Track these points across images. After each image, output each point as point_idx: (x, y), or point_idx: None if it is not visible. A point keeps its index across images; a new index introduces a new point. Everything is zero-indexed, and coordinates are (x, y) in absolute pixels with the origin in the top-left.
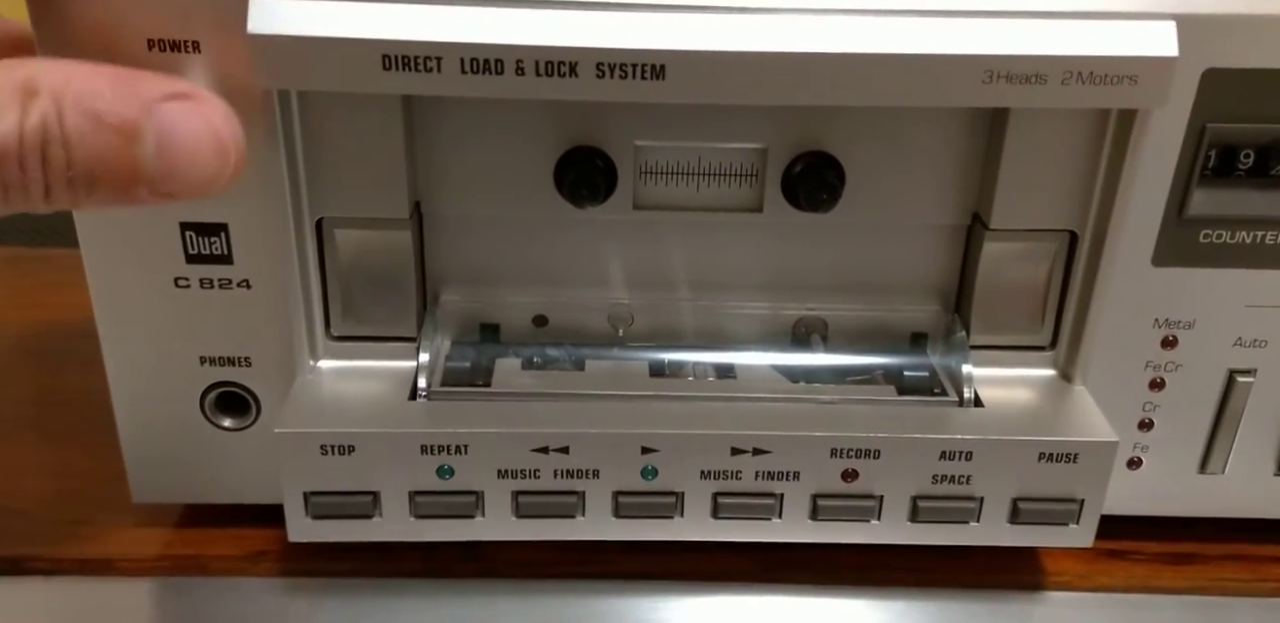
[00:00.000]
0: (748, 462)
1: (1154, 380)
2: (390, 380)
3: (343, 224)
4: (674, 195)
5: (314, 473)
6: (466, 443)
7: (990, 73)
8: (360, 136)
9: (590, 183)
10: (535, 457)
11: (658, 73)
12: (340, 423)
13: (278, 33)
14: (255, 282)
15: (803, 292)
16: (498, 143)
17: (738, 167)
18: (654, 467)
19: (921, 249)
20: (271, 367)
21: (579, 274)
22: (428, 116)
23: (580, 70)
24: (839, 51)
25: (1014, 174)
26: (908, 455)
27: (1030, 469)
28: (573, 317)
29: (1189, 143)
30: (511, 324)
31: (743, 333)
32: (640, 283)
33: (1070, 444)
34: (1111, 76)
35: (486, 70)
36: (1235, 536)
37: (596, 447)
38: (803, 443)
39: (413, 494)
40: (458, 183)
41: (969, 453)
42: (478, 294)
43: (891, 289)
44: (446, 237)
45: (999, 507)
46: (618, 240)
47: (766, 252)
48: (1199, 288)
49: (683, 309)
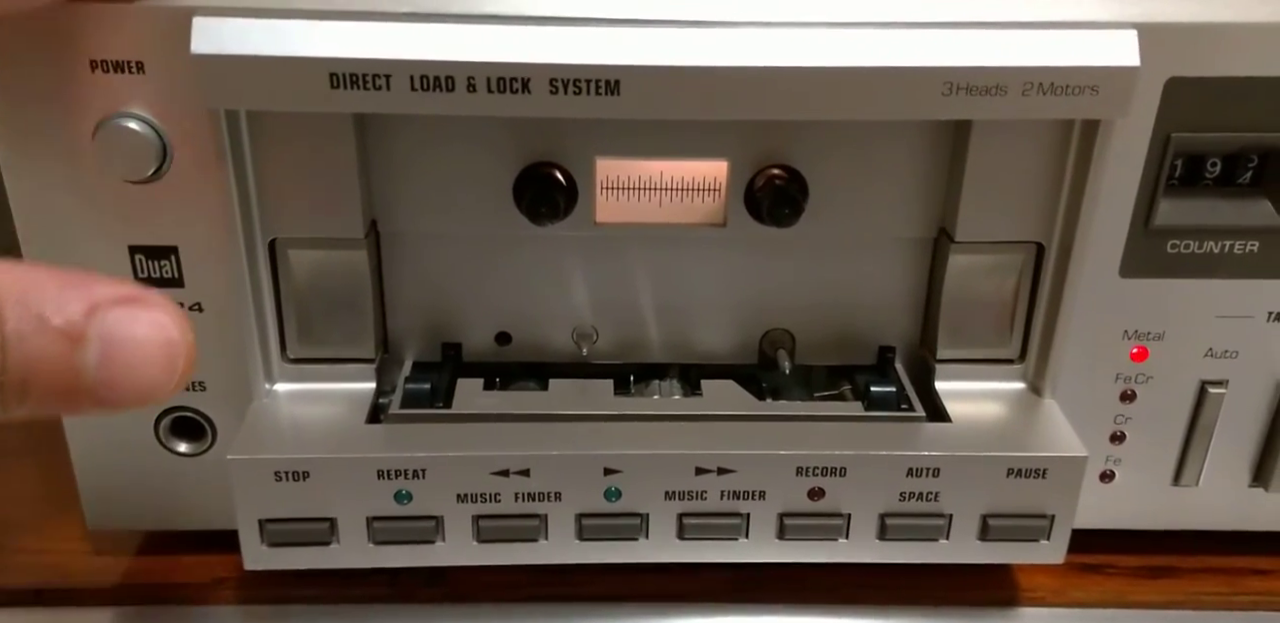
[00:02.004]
0: (712, 481)
1: (1125, 393)
2: (348, 403)
3: (296, 245)
4: (636, 210)
5: (268, 500)
6: (424, 467)
7: (950, 85)
8: (312, 155)
9: (549, 200)
10: (495, 480)
11: (612, 88)
12: (294, 448)
13: (222, 52)
14: (207, 305)
15: (769, 306)
16: (454, 159)
17: (700, 181)
18: (617, 488)
19: (888, 262)
20: (226, 391)
21: (541, 291)
22: (381, 133)
23: (533, 87)
24: (797, 65)
25: (978, 186)
26: (874, 473)
27: (999, 485)
28: (536, 334)
29: (1154, 153)
30: (474, 342)
31: (709, 348)
32: (604, 299)
33: (1039, 459)
34: (1073, 87)
35: (437, 87)
36: (1211, 548)
37: (558, 469)
38: (767, 462)
39: (371, 520)
40: (414, 200)
41: (936, 469)
42: (438, 313)
43: (858, 303)
44: (405, 255)
45: (968, 523)
46: (580, 256)
47: (731, 266)
48: (1168, 299)
49: (648, 325)
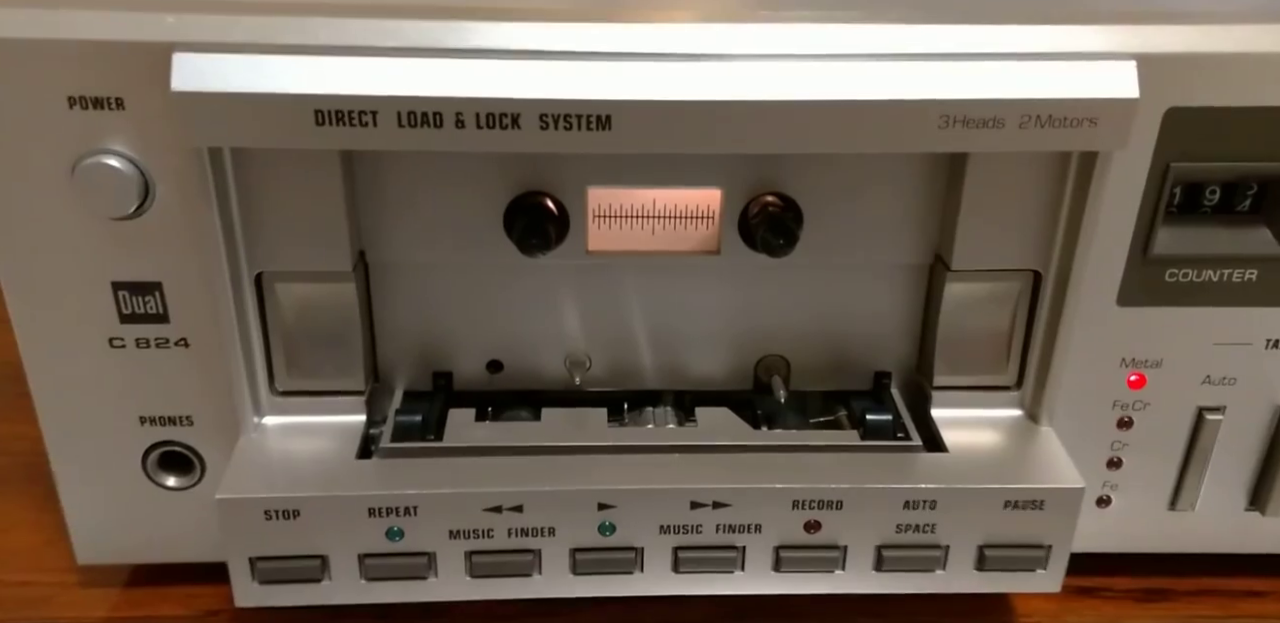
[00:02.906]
0: (708, 515)
1: (1122, 419)
2: (338, 437)
3: (283, 278)
4: (628, 239)
5: (258, 538)
6: (416, 504)
7: (946, 117)
8: (298, 190)
9: (540, 231)
10: (488, 516)
11: (603, 123)
12: (283, 487)
13: (203, 90)
14: (194, 340)
15: (763, 332)
16: (444, 189)
17: (693, 209)
18: (611, 523)
19: (883, 289)
20: (214, 425)
21: (533, 319)
22: (369, 163)
23: (523, 122)
24: (790, 99)
25: (975, 214)
26: (871, 505)
27: (996, 516)
28: (528, 362)
29: (1152, 182)
30: (465, 371)
31: (703, 375)
32: (597, 327)
33: (1036, 491)
34: (1071, 119)
35: (425, 124)
36: (1206, 570)
37: (551, 504)
38: (763, 496)
39: (362, 557)
40: (404, 230)
41: (933, 502)
42: (429, 342)
43: (854, 329)
44: (395, 284)
45: (965, 554)
46: (572, 284)
47: (725, 293)
48: (1166, 327)
49: (641, 352)
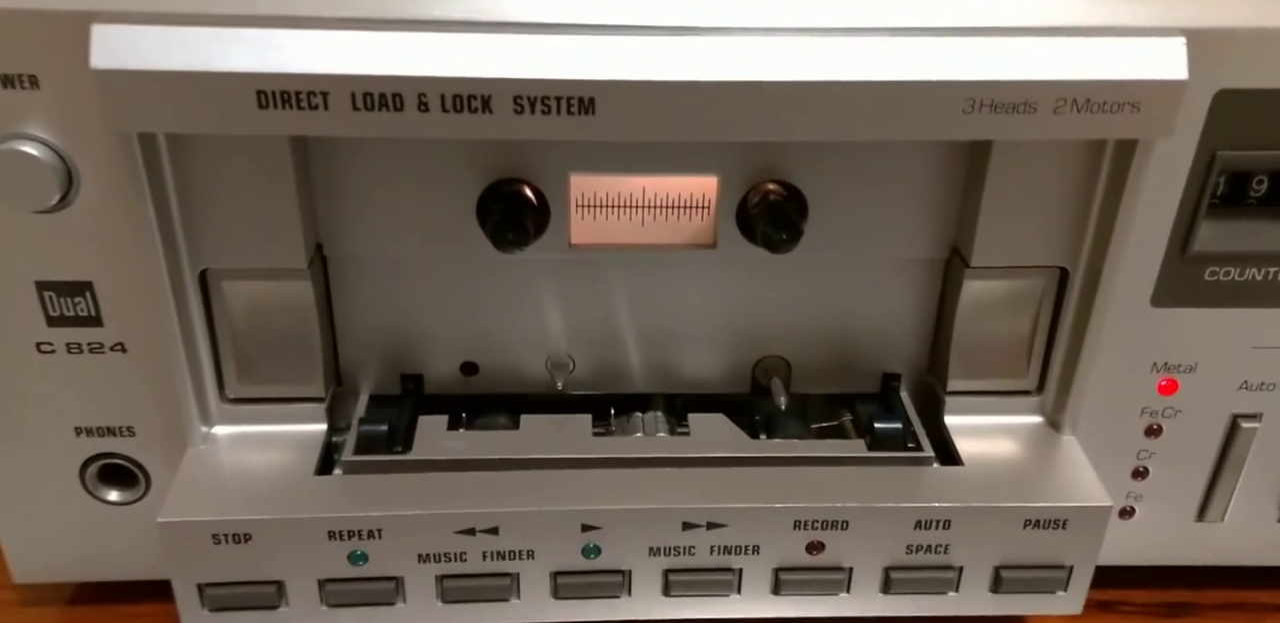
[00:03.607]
0: (701, 536)
1: (1150, 427)
2: (296, 448)
3: (230, 276)
4: (615, 231)
5: (206, 563)
6: (380, 527)
7: (971, 101)
8: (243, 179)
9: (516, 224)
10: (461, 539)
11: (586, 107)
12: (232, 508)
13: (127, 67)
14: (132, 344)
15: (763, 332)
16: (410, 176)
17: (687, 198)
18: (596, 545)
19: (894, 285)
20: (158, 435)
21: (512, 317)
22: (325, 148)
23: (495, 105)
24: (797, 80)
25: (997, 206)
26: (879, 526)
27: (1015, 536)
28: (506, 364)
29: (1196, 172)
30: (437, 374)
31: (696, 377)
32: (581, 326)
33: (1059, 510)
34: (1111, 104)
35: (383, 107)
36: (1231, 582)
37: (530, 526)
38: (762, 516)
39: (323, 582)
40: (366, 222)
41: (947, 521)
42: (397, 342)
43: (861, 328)
44: (358, 280)
45: (980, 576)
46: (554, 280)
47: (721, 289)
48: (1202, 329)
49: (629, 353)
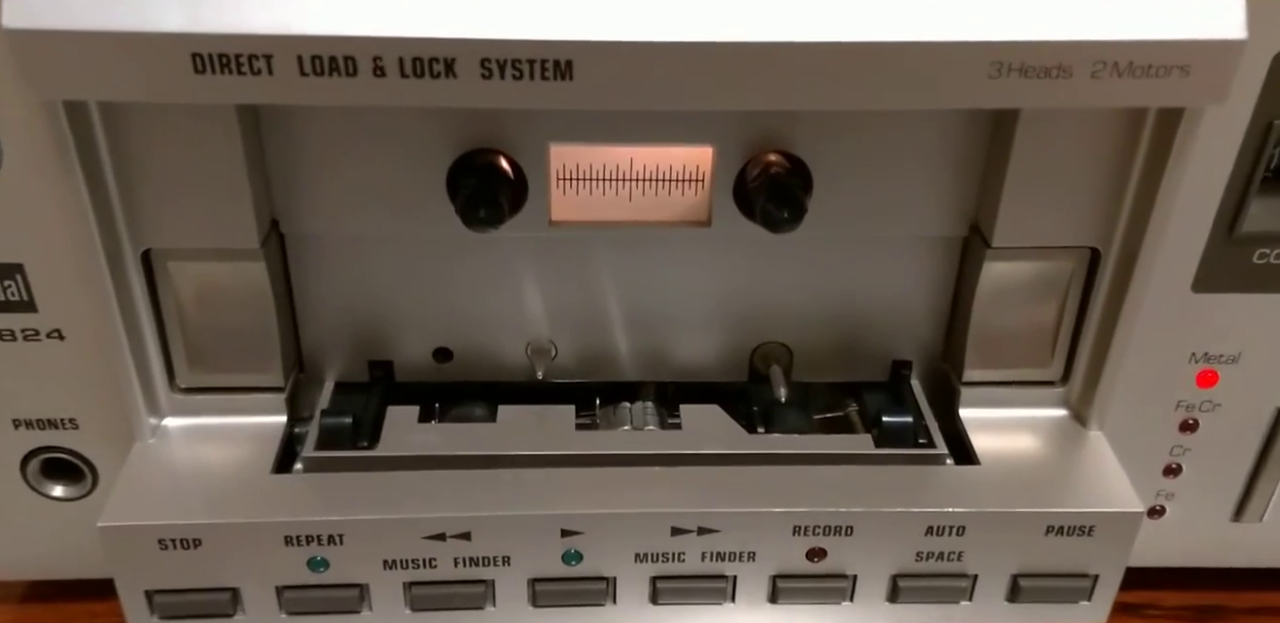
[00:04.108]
0: (692, 542)
1: (1185, 422)
2: (254, 442)
3: (176, 256)
4: (600, 207)
5: (154, 569)
6: (341, 532)
7: (999, 64)
8: (187, 150)
9: (488, 201)
10: (430, 545)
11: (563, 71)
12: (180, 511)
13: (44, 27)
14: (70, 331)
15: (762, 316)
16: (374, 145)
17: (679, 171)
18: (578, 551)
19: (906, 266)
20: (104, 428)
21: (488, 299)
22: (279, 115)
23: (460, 69)
24: (798, 41)
25: (1023, 182)
26: (887, 531)
27: (1035, 544)
28: (482, 349)
29: (1249, 144)
30: (407, 360)
31: (690, 364)
32: (564, 309)
33: (1085, 516)
34: (1157, 67)
35: (334, 71)
36: (1264, 584)
37: (505, 531)
38: (758, 521)
39: (281, 589)
40: (326, 196)
41: (961, 527)
42: (364, 325)
43: (869, 312)
44: (319, 260)
45: (996, 584)
46: (534, 260)
47: (717, 270)
48: (1247, 316)
49: (616, 338)
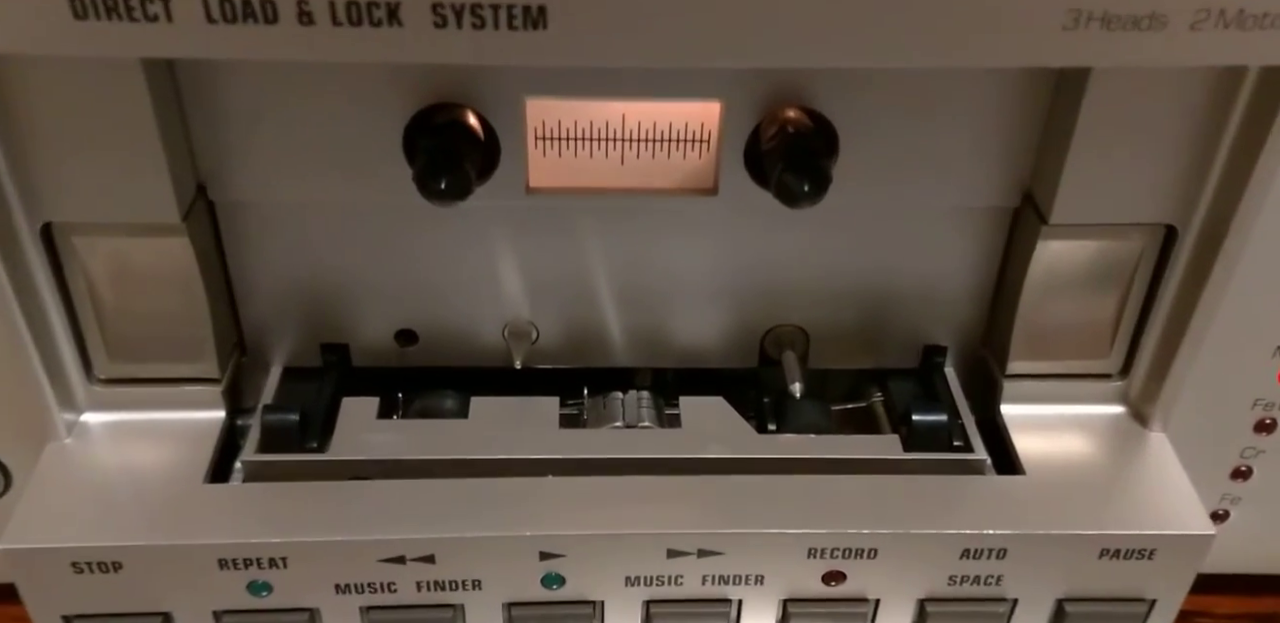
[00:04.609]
0: (691, 565)
1: (1263, 421)
2: (185, 441)
3: (83, 231)
4: (587, 172)
5: (70, 593)
6: (284, 556)
7: (1076, 13)
8: (87, 108)
9: (450, 166)
10: (388, 568)
11: (534, 19)
12: (95, 530)
13: None
14: None
15: (774, 295)
16: (316, 98)
17: (680, 130)
18: (559, 574)
19: (945, 240)
20: (12, 425)
21: (459, 274)
22: (198, 65)
23: (405, 16)
24: None
25: (1091, 149)
26: (916, 555)
27: (1086, 567)
28: (452, 332)
29: None
30: (366, 343)
31: (691, 349)
32: (546, 285)
33: (1146, 538)
34: (1273, 16)
35: (248, 17)
36: None
37: (474, 555)
38: (767, 543)
39: (219, 614)
40: (262, 158)
41: (1002, 550)
42: (315, 304)
43: (899, 292)
44: (260, 231)
45: (1038, 609)
46: (512, 230)
47: (725, 244)
48: None
49: (607, 321)
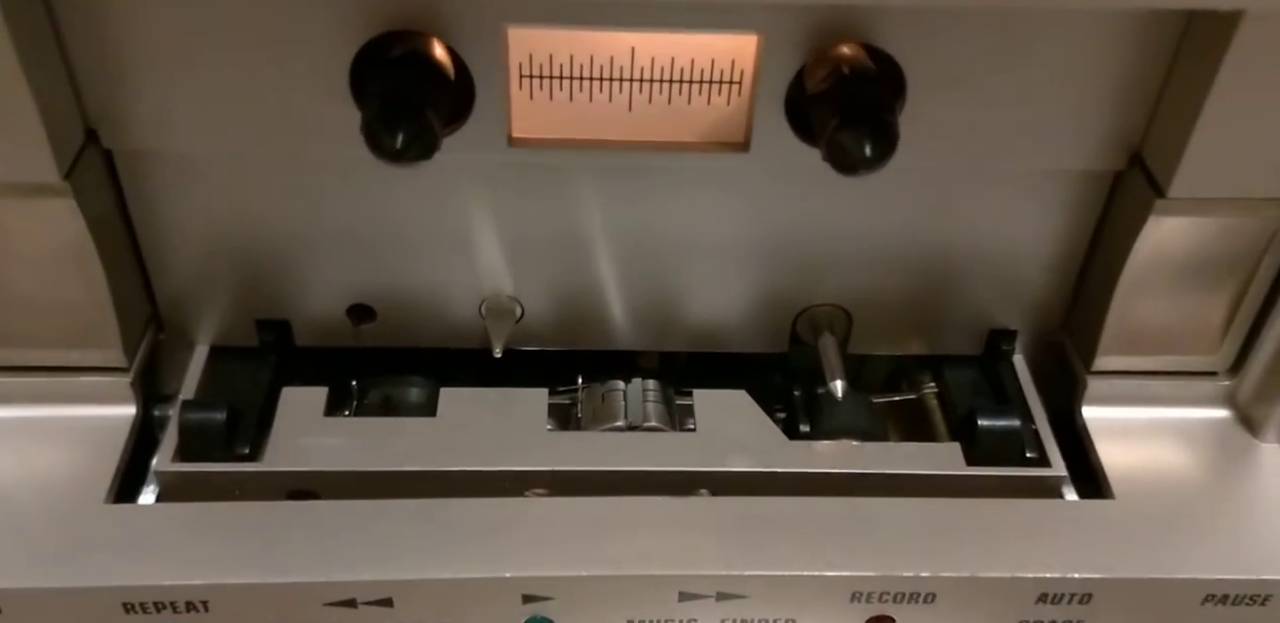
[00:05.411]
0: (708, 608)
1: None
2: (84, 447)
3: None
4: (584, 119)
5: None
6: (205, 599)
7: None
8: None
9: (408, 113)
10: (336, 612)
11: None
12: None
13: None
14: None
15: (812, 272)
16: (239, 22)
17: (705, 69)
18: (545, 618)
19: (1024, 207)
20: None
21: (426, 240)
22: None
23: None
24: None
25: (1227, 110)
26: (982, 601)
27: (1186, 613)
28: (417, 306)
29: None
30: (312, 320)
31: (709, 332)
32: (533, 255)
33: (1259, 584)
34: None
35: None
36: None
37: (440, 599)
38: (801, 586)
39: None
40: (171, 98)
41: (1086, 596)
42: (247, 275)
43: (962, 268)
44: (174, 186)
45: None
46: (489, 189)
47: (754, 212)
48: None
49: (608, 296)
